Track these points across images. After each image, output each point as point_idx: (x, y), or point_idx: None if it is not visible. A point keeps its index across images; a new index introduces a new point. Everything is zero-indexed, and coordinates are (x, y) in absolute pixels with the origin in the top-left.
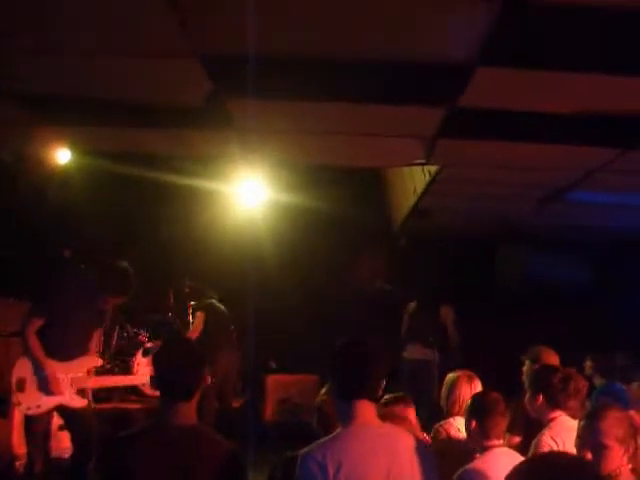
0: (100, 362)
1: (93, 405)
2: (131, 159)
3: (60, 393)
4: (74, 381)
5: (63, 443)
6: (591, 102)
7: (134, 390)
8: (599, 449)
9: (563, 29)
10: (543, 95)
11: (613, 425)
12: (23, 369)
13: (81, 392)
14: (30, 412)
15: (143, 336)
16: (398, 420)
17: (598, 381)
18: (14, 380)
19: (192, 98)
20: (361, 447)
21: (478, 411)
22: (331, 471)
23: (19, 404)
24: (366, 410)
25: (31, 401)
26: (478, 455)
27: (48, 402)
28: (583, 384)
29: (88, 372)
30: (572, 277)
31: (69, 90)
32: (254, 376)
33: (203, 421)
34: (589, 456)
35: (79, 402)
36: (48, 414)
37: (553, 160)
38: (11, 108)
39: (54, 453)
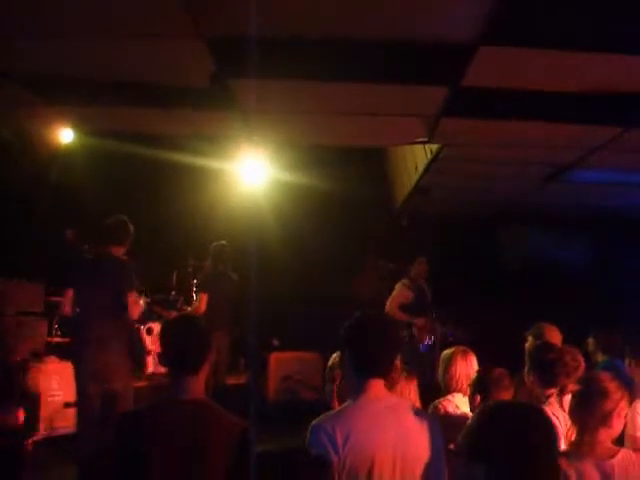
0: None
1: None
2: (134, 139)
3: None
4: None
5: (69, 420)
6: (593, 80)
7: (136, 368)
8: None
9: (564, 8)
10: (545, 74)
11: None
12: None
13: None
14: None
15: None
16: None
17: (600, 358)
18: None
19: (196, 79)
20: (369, 419)
21: (482, 386)
22: (340, 441)
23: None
24: (377, 385)
25: None
26: None
27: None
28: (575, 363)
29: None
30: (573, 256)
31: (72, 71)
32: (257, 354)
33: None
34: None
35: None
36: None
37: (555, 139)
38: (14, 88)
39: (62, 431)
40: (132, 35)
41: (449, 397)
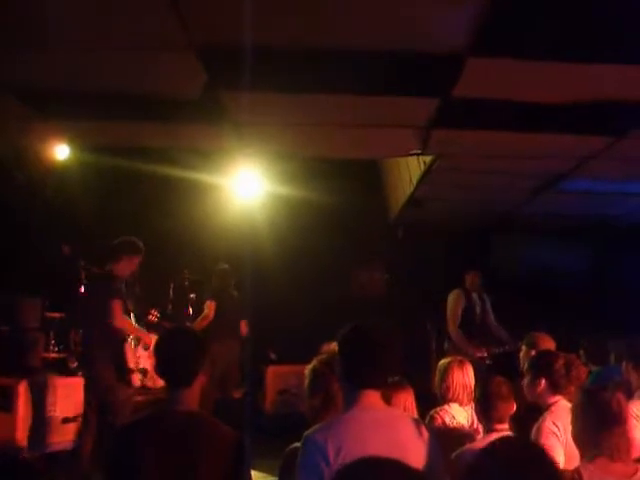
0: None
1: None
2: (128, 154)
3: None
4: None
5: (67, 436)
6: (584, 91)
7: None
8: None
9: (553, 19)
10: (535, 85)
11: None
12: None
13: None
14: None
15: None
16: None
17: (592, 367)
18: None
19: (188, 91)
20: (361, 430)
21: (480, 394)
22: (331, 454)
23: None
24: (370, 396)
25: None
26: (480, 437)
27: None
28: (583, 370)
29: None
30: (567, 265)
31: (66, 85)
32: (254, 367)
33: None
34: None
35: None
36: None
37: (546, 149)
38: (9, 103)
39: (59, 447)
40: (124, 48)
41: (446, 407)
